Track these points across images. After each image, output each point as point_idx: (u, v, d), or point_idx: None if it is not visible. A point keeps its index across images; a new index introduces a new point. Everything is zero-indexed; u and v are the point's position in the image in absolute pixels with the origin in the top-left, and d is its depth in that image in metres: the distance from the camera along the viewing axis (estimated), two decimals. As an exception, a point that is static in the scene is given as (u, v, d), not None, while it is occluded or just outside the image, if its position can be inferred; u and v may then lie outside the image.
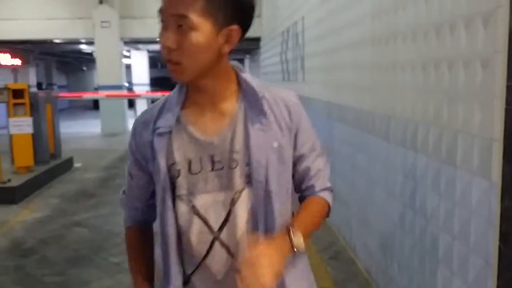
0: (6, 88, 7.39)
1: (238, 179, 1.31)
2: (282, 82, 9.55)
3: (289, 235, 1.26)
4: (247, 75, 1.37)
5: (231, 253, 1.32)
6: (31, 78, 21.23)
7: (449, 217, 2.53)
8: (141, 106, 18.29)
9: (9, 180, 6.87)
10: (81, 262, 4.55)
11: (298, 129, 1.38)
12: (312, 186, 1.43)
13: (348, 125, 4.62)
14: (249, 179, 1.31)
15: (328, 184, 1.47)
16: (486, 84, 2.18)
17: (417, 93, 2.93)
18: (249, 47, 21.35)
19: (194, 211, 1.32)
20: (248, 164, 1.30)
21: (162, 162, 1.31)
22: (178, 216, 1.34)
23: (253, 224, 1.32)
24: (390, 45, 3.42)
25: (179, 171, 1.32)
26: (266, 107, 1.33)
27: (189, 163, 1.32)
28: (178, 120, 1.34)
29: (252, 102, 1.34)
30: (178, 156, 1.32)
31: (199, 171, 1.32)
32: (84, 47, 20.51)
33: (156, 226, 1.43)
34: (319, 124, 6.02)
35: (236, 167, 1.31)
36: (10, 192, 6.71)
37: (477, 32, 2.23)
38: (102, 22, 15.22)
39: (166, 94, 1.44)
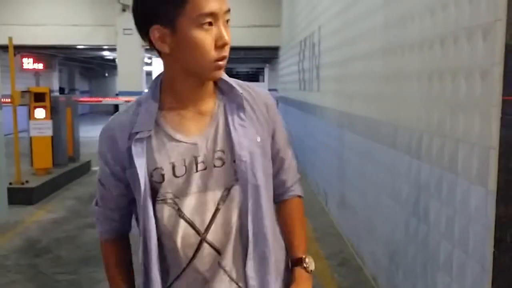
0: (28, 91, 7.59)
1: (225, 178, 1.32)
2: (299, 92, 9.63)
3: (307, 268, 1.45)
4: (223, 74, 1.37)
5: (219, 252, 1.32)
6: (54, 83, 21.61)
7: (449, 224, 2.57)
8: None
9: (27, 182, 7.03)
10: (93, 262, 4.64)
11: (275, 125, 1.44)
12: (285, 181, 1.52)
13: (358, 134, 4.67)
14: (237, 176, 1.32)
15: (298, 176, 1.57)
16: (485, 94, 2.23)
17: (422, 102, 2.98)
18: (268, 56, 21.51)
19: (180, 214, 1.30)
20: (235, 161, 1.31)
21: (142, 168, 1.29)
22: (163, 220, 1.31)
23: (243, 220, 1.33)
24: (398, 56, 3.48)
25: (163, 175, 1.30)
26: (245, 104, 1.36)
27: (173, 167, 1.30)
28: (157, 123, 1.33)
29: (231, 99, 1.36)
30: (160, 161, 1.30)
31: (184, 174, 1.30)
32: (106, 54, 20.85)
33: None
34: (331, 133, 6.08)
35: (222, 165, 1.31)
36: (27, 193, 6.85)
37: (478, 44, 2.29)
38: (125, 29, 15.43)
39: None
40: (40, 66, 12.20)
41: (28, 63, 12.01)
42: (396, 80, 3.53)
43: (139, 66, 15.95)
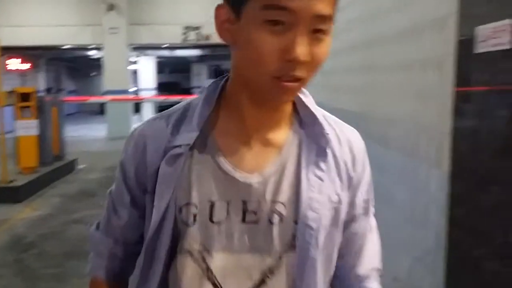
0: (13, 92, 7.67)
1: (279, 240, 0.96)
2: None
3: None
4: (307, 97, 1.03)
5: None
6: (41, 83, 21.61)
7: (412, 206, 2.71)
8: (147, 110, 18.83)
9: (13, 180, 7.10)
10: (78, 256, 4.72)
11: (359, 182, 1.05)
12: (354, 266, 1.06)
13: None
14: (294, 241, 0.96)
15: (377, 264, 1.09)
16: (441, 83, 2.37)
17: (393, 93, 3.13)
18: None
19: (208, 275, 0.95)
20: (297, 221, 0.96)
21: (165, 199, 0.96)
22: (182, 278, 0.97)
23: None
24: (373, 50, 3.61)
25: (195, 216, 0.95)
26: (328, 149, 1.00)
27: (211, 207, 0.95)
28: (204, 143, 0.98)
29: (311, 136, 1.00)
30: (196, 195, 0.95)
31: (223, 220, 0.95)
32: (92, 53, 20.86)
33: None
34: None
35: (279, 223, 0.96)
36: (13, 192, 6.94)
37: (436, 37, 2.44)
38: (111, 28, 15.51)
39: (172, 97, 1.00)
40: (25, 66, 12.25)
41: (13, 64, 12.06)
42: (371, 73, 3.67)
43: (125, 65, 16.02)
